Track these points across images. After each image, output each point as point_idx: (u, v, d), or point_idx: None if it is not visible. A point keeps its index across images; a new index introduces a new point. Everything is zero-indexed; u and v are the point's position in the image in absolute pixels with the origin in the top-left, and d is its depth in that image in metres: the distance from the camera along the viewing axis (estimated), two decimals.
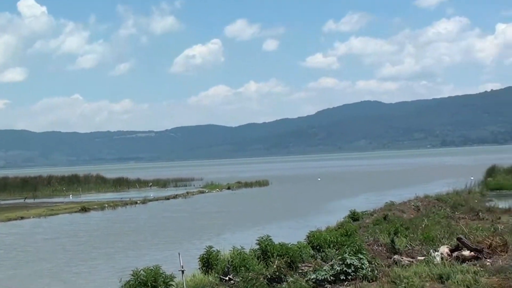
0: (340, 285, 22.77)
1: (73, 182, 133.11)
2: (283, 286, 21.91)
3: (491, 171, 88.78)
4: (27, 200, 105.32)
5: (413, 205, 52.09)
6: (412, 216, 44.74)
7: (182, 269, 24.98)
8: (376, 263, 24.49)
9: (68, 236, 57.00)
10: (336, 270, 23.35)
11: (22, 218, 75.29)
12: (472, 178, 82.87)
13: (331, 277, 23.07)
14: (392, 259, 26.75)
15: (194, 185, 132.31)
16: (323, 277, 23.05)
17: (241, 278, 22.86)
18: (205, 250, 27.27)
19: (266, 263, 24.67)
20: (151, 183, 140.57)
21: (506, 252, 28.43)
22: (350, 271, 23.27)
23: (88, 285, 33.53)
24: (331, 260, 24.48)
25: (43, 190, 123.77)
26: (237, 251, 25.94)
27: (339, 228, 35.45)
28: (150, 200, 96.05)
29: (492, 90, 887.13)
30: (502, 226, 37.73)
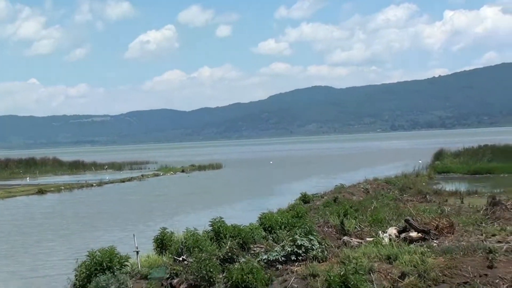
0: (291, 266, 22.92)
1: (30, 165, 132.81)
2: (235, 266, 22.00)
3: (439, 155, 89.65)
4: None
5: (363, 188, 52.46)
6: (361, 198, 45.08)
7: (137, 250, 25.12)
8: (326, 244, 24.69)
9: (25, 218, 56.85)
10: (287, 251, 23.52)
11: None
12: (420, 161, 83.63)
13: (282, 258, 23.24)
14: (342, 240, 26.98)
15: (149, 168, 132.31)
16: (274, 258, 23.22)
17: (194, 259, 22.95)
18: (159, 231, 27.41)
19: (219, 244, 24.80)
20: (106, 166, 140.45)
21: (453, 234, 28.79)
22: (300, 252, 23.45)
23: (45, 266, 33.45)
24: (282, 241, 24.63)
25: (2, 173, 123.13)
26: (191, 232, 26.03)
27: (290, 210, 35.65)
28: (105, 183, 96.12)
29: (440, 75, 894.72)
30: (449, 208, 38.19)
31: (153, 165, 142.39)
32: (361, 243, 26.15)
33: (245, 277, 21.35)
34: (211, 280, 21.71)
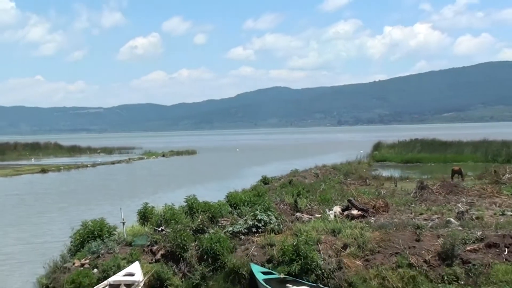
0: (252, 237, 22.99)
1: (35, 148, 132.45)
2: (206, 236, 22.01)
3: (377, 146, 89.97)
4: None
5: (313, 173, 52.51)
6: (312, 181, 45.13)
7: (123, 221, 25.09)
8: (281, 219, 24.77)
9: (29, 193, 56.57)
10: (249, 224, 23.60)
11: None
12: (361, 151, 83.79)
13: (245, 230, 23.30)
14: (295, 216, 27.05)
15: (135, 153, 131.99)
16: (238, 230, 23.27)
17: (171, 229, 22.96)
18: (142, 206, 27.34)
19: (192, 218, 24.80)
20: (99, 150, 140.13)
21: (387, 212, 29.06)
22: (260, 225, 23.53)
23: (45, 234, 33.31)
24: (245, 216, 24.65)
25: (10, 154, 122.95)
26: (169, 207, 26.04)
27: (252, 190, 35.63)
28: (98, 164, 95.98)
29: (379, 80, 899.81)
30: (385, 191, 38.44)
31: (139, 150, 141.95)
32: (311, 218, 26.23)
33: (213, 245, 21.37)
34: (185, 247, 21.71)
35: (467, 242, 21.56)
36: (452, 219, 25.26)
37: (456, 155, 74.24)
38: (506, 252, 21.21)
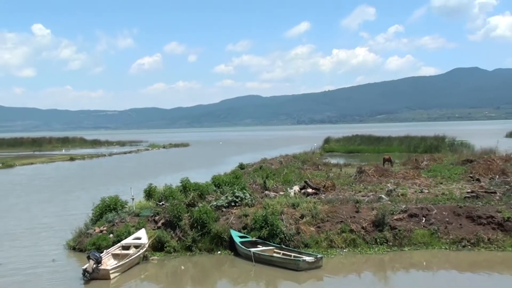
0: (231, 209, 22.95)
1: (65, 142, 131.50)
2: (196, 209, 21.94)
3: (327, 140, 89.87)
4: (35, 152, 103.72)
5: (278, 160, 52.34)
6: (277, 167, 45.03)
7: (133, 197, 24.97)
8: (254, 196, 24.77)
9: (60, 176, 56.11)
10: (229, 199, 23.57)
11: (32, 163, 74.48)
12: (315, 144, 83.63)
13: (226, 204, 23.27)
14: (264, 193, 27.00)
15: (142, 145, 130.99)
16: (221, 204, 23.22)
17: (169, 204, 22.88)
18: (147, 185, 27.17)
19: (185, 195, 24.70)
20: (115, 143, 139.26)
21: (334, 190, 29.12)
22: (237, 200, 23.53)
23: (73, 208, 33.03)
24: (226, 193, 24.59)
25: (46, 146, 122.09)
26: (167, 187, 25.92)
27: (231, 173, 35.52)
28: (114, 154, 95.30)
29: (329, 90, 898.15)
30: (332, 174, 38.45)
31: (145, 143, 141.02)
32: (276, 195, 26.20)
33: (201, 215, 21.30)
34: (180, 217, 21.61)
35: (394, 213, 21.72)
36: (383, 196, 25.36)
37: (386, 147, 74.42)
38: (423, 221, 21.43)
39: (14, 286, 17.67)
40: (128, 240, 20.75)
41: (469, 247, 20.23)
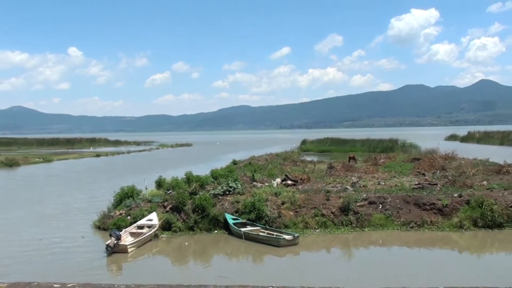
0: (226, 197, 22.83)
1: (92, 141, 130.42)
2: (197, 196, 21.84)
3: (304, 142, 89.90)
4: (69, 150, 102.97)
5: (264, 157, 52.35)
6: (263, 163, 45.01)
7: (146, 187, 24.89)
8: (244, 186, 24.65)
9: (88, 169, 55.83)
10: (224, 189, 23.45)
11: (66, 159, 74.00)
12: (294, 145, 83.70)
13: (222, 192, 23.15)
14: (253, 184, 26.94)
15: (154, 145, 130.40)
16: (217, 192, 23.10)
17: (176, 192, 22.76)
18: (158, 177, 27.16)
19: (189, 185, 24.55)
20: (132, 143, 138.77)
21: (309, 182, 29.03)
22: (231, 189, 23.41)
23: (97, 195, 32.91)
24: (222, 184, 24.50)
25: (77, 145, 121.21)
26: (174, 178, 25.86)
27: (226, 168, 35.44)
28: (131, 152, 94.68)
29: (305, 101, 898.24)
30: (308, 169, 38.42)
31: (156, 143, 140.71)
32: (263, 185, 26.16)
33: (202, 202, 21.23)
34: (184, 203, 21.52)
35: (357, 200, 21.69)
36: (348, 187, 25.35)
37: (351, 147, 74.51)
38: (380, 207, 21.41)
39: (52, 256, 17.71)
40: (142, 221, 20.71)
41: (416, 228, 20.26)
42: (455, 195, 21.89)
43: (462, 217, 20.37)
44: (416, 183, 26.42)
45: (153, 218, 20.84)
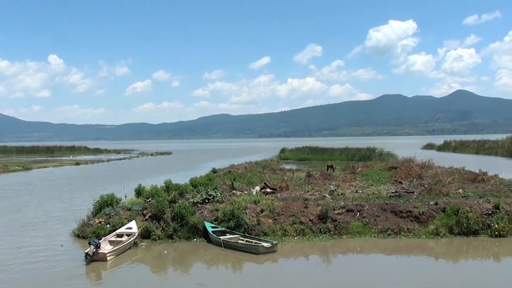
0: (205, 205, 22.75)
1: (72, 150, 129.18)
2: (176, 204, 21.75)
3: (283, 150, 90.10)
4: (48, 158, 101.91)
5: (244, 166, 52.33)
6: (243, 171, 44.95)
7: (125, 195, 24.68)
8: (223, 194, 24.62)
9: (67, 177, 55.15)
10: (203, 197, 23.35)
11: (45, 167, 73.27)
12: (273, 153, 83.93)
13: (201, 201, 23.05)
14: (232, 192, 26.91)
15: (134, 153, 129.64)
16: (197, 201, 22.99)
17: (155, 200, 22.64)
18: (137, 185, 26.92)
19: (168, 193, 24.38)
20: (112, 151, 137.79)
21: (288, 190, 29.08)
22: (210, 198, 23.32)
23: (76, 203, 32.56)
24: (201, 192, 24.42)
25: (57, 153, 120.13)
26: (154, 186, 25.61)
27: (206, 176, 35.32)
28: (111, 160, 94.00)
29: (284, 110, 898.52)
30: (286, 177, 38.46)
31: (136, 151, 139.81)
32: (242, 194, 26.15)
33: (181, 210, 21.16)
34: (163, 211, 21.42)
35: (335, 208, 21.81)
36: (326, 195, 25.50)
37: (329, 156, 74.90)
38: (358, 215, 21.56)
39: (31, 265, 17.48)
40: (122, 230, 20.58)
41: (393, 235, 20.45)
42: (431, 203, 22.15)
43: (438, 224, 20.64)
44: (393, 191, 26.65)
45: (133, 226, 20.72)
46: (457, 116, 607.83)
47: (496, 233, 20.06)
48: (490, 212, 21.10)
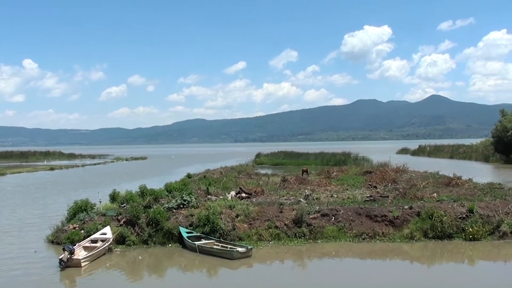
0: (180, 210, 22.65)
1: (47, 155, 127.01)
2: (151, 210, 21.65)
3: (258, 155, 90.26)
4: (23, 163, 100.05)
5: (219, 171, 52.23)
6: (218, 176, 44.87)
7: (100, 200, 24.47)
8: (198, 199, 24.52)
9: (41, 183, 54.36)
10: (178, 202, 23.23)
11: (20, 172, 72.10)
12: (248, 158, 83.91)
13: (176, 206, 22.93)
14: (207, 197, 26.86)
15: (109, 158, 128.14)
16: (172, 206, 22.87)
17: (130, 205, 22.51)
18: (112, 191, 26.76)
19: (143, 198, 24.23)
20: (87, 156, 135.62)
21: (263, 195, 29.19)
22: (185, 203, 23.20)
23: (51, 209, 32.13)
24: (176, 197, 24.32)
25: (31, 158, 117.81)
26: (129, 192, 25.48)
27: (181, 181, 35.19)
28: (86, 165, 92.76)
29: (260, 115, 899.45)
30: (262, 182, 38.59)
31: (111, 156, 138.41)
32: (217, 199, 26.13)
33: (156, 215, 21.10)
34: (138, 217, 21.31)
35: (310, 213, 21.94)
36: (301, 199, 25.65)
37: (305, 160, 75.39)
38: (333, 219, 21.73)
39: (5, 273, 17.26)
40: (96, 235, 20.43)
41: (368, 239, 20.67)
42: (406, 207, 22.42)
43: (413, 228, 20.93)
44: (368, 195, 26.92)
45: (107, 232, 20.58)
46: (431, 121, 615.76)
47: (470, 236, 20.44)
48: (464, 216, 21.45)
